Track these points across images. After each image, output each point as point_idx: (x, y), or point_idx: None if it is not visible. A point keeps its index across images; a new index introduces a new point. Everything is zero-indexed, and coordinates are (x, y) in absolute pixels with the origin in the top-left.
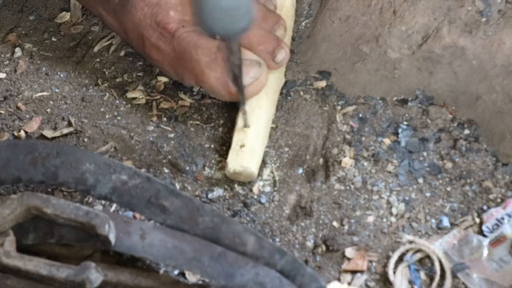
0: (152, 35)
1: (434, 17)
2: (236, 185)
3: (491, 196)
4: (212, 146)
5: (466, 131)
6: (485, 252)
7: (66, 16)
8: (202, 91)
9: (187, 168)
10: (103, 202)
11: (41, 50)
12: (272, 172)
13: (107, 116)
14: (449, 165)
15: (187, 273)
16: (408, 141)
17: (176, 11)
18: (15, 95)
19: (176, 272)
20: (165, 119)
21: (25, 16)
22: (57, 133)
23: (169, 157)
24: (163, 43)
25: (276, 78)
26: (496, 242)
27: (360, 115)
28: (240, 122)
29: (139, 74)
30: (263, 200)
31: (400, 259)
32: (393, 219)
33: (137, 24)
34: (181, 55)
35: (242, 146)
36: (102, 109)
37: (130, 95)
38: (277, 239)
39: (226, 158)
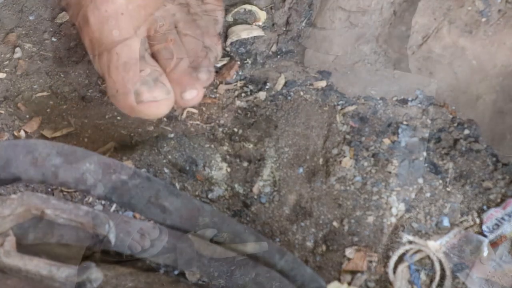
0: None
1: (434, 17)
2: (236, 185)
3: (491, 196)
4: (212, 146)
5: (466, 131)
6: (485, 252)
7: (66, 16)
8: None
9: (187, 168)
10: (103, 202)
11: (41, 50)
12: (272, 172)
13: (107, 116)
14: (449, 165)
15: (187, 273)
16: (408, 141)
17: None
18: (15, 95)
19: (176, 272)
20: (165, 119)
21: (25, 16)
22: (57, 133)
23: (169, 157)
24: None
25: None
26: (496, 242)
27: (360, 115)
28: None
29: None
30: (263, 200)
31: (400, 259)
32: (393, 219)
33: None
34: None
35: None
36: (102, 109)
37: None
38: (277, 239)
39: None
